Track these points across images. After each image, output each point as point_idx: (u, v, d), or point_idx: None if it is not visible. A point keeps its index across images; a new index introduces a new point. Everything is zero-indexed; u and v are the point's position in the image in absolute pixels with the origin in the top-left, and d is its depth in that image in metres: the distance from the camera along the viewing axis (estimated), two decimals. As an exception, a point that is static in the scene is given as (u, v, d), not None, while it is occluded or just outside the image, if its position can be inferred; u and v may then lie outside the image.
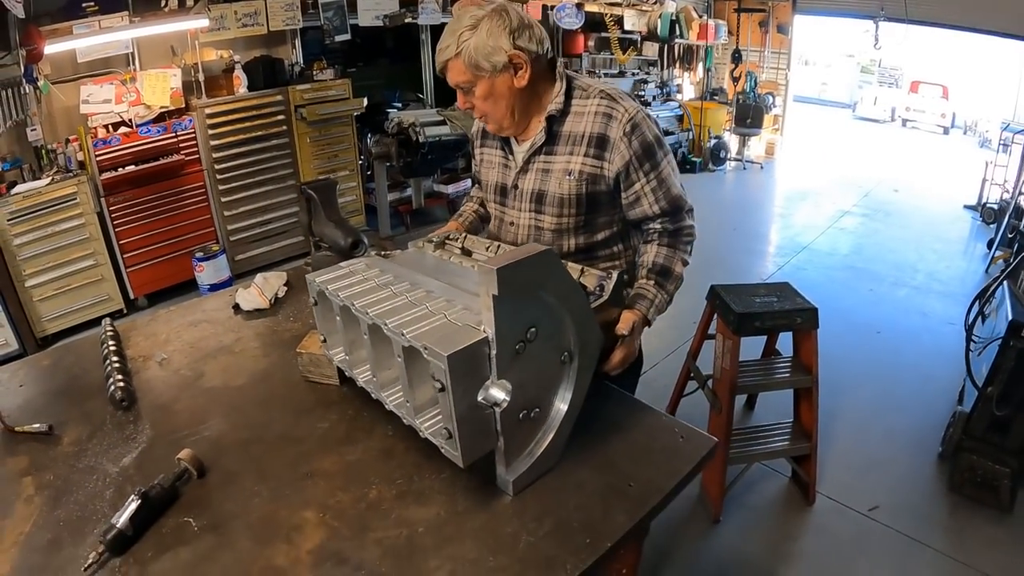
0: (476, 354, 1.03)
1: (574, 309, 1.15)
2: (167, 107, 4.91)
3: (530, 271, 1.03)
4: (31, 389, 1.91)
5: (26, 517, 1.35)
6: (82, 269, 4.76)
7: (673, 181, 1.69)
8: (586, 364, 1.22)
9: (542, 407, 1.19)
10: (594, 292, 1.36)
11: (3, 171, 4.43)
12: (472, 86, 1.58)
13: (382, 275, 1.37)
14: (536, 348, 1.12)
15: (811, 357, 2.65)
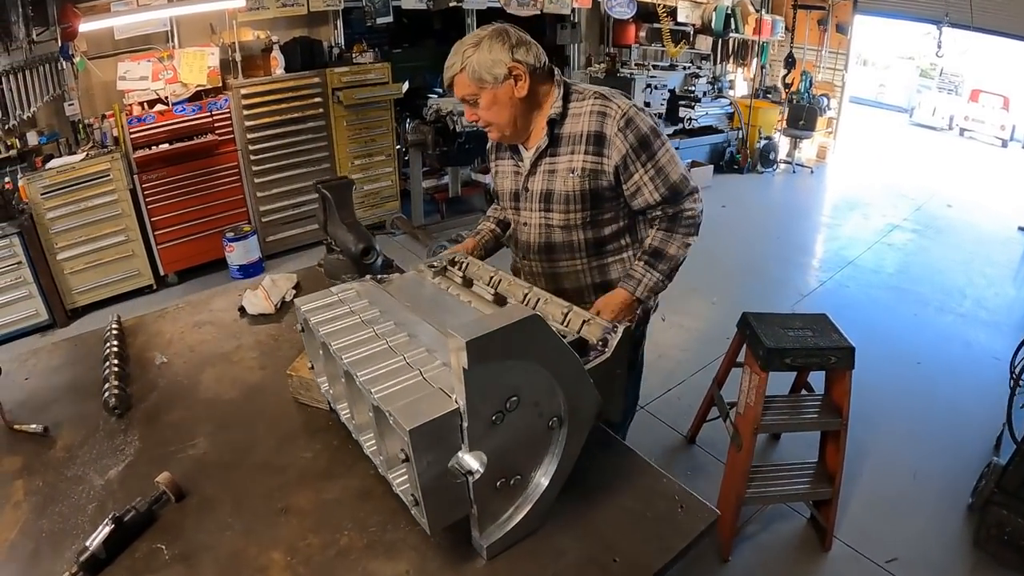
0: (445, 426, 0.99)
1: (565, 375, 1.10)
2: (204, 86, 4.97)
3: (508, 340, 0.98)
4: (35, 383, 1.97)
5: (12, 523, 1.41)
6: (113, 244, 4.88)
7: (672, 169, 1.78)
8: (578, 428, 1.18)
9: (523, 474, 1.15)
10: (596, 347, 1.29)
11: (40, 144, 4.56)
12: (477, 98, 1.74)
13: (369, 309, 1.35)
14: (518, 416, 1.07)
15: (843, 399, 2.51)
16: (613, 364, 1.26)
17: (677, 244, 1.85)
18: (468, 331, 0.91)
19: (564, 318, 1.38)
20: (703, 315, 4.55)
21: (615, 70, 6.89)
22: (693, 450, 3.21)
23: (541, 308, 1.42)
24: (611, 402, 1.31)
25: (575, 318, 1.38)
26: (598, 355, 1.26)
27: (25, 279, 4.42)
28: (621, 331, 1.28)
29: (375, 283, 1.55)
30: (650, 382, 3.65)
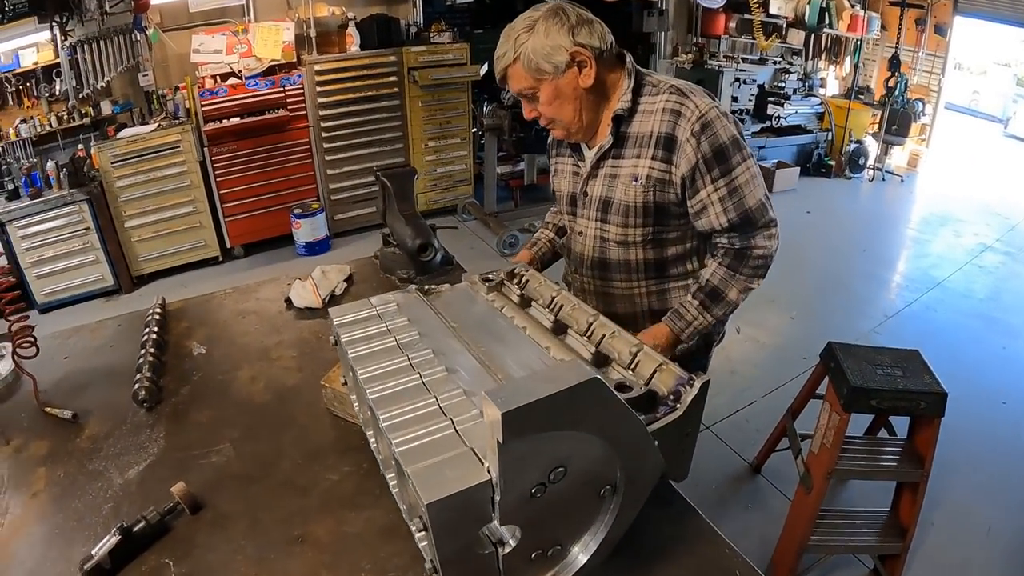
0: (472, 499, 0.84)
1: (625, 442, 0.94)
2: (277, 61, 5.00)
3: (558, 409, 0.81)
4: (74, 364, 1.96)
5: (30, 515, 1.38)
6: (181, 215, 4.99)
7: (749, 191, 1.53)
8: (635, 496, 1.02)
9: (564, 544, 1.01)
10: (667, 400, 1.11)
11: (114, 114, 4.67)
12: (535, 92, 1.54)
13: (407, 329, 1.23)
14: (563, 486, 0.91)
15: (927, 448, 2.30)
16: (685, 423, 1.09)
17: (739, 288, 1.61)
18: (506, 399, 0.75)
19: (632, 360, 1.18)
20: (781, 330, 4.29)
21: (702, 61, 6.60)
22: (757, 481, 3.01)
23: (607, 345, 1.23)
24: (678, 463, 1.16)
25: (646, 361, 1.17)
26: (668, 411, 1.09)
27: (93, 245, 4.56)
28: (698, 386, 1.09)
29: (420, 295, 1.43)
30: (718, 400, 3.49)
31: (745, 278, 1.60)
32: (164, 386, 1.77)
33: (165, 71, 4.95)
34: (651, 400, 1.10)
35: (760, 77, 6.57)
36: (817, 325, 4.30)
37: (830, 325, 4.23)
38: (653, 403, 1.10)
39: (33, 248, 4.33)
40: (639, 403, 1.05)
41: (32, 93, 4.57)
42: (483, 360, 1.16)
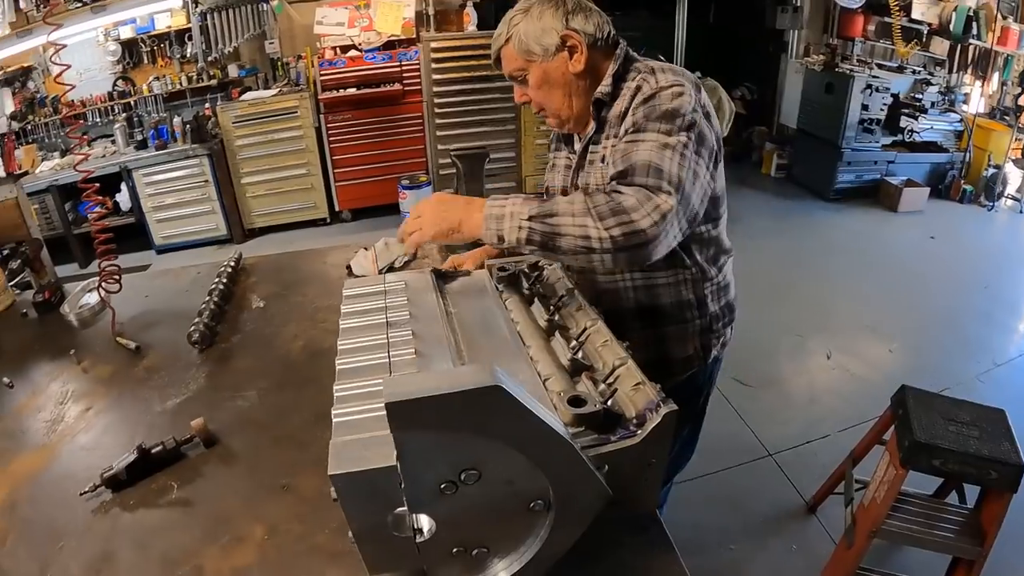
0: (378, 480, 0.86)
1: (549, 460, 0.90)
2: (397, 36, 5.23)
3: (451, 411, 0.78)
4: (151, 302, 2.21)
5: (79, 425, 1.62)
6: (294, 176, 5.37)
7: (648, 149, 1.30)
8: (573, 519, 0.99)
9: (491, 548, 1.00)
10: (629, 423, 1.04)
11: (241, 77, 5.08)
12: (525, 74, 1.53)
13: (401, 310, 1.30)
14: (480, 490, 0.90)
15: (992, 524, 2.09)
16: (645, 452, 1.04)
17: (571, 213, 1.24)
18: (396, 391, 0.75)
19: (611, 373, 1.14)
20: (876, 362, 4.00)
21: (834, 64, 6.23)
22: (809, 522, 2.84)
23: (594, 352, 1.22)
24: (641, 493, 1.12)
25: (625, 377, 1.12)
26: (624, 436, 1.02)
27: (210, 196, 5.00)
28: (661, 415, 1.01)
29: (433, 277, 1.51)
30: (789, 428, 3.36)
31: (585, 211, 1.23)
32: (219, 332, 1.97)
33: (291, 40, 5.31)
34: (609, 420, 1.04)
35: (896, 86, 6.09)
36: (917, 362, 4.00)
37: (930, 364, 3.93)
38: (612, 424, 1.04)
39: (155, 195, 4.83)
40: (592, 421, 1.02)
41: (165, 54, 5.08)
42: (459, 350, 1.20)
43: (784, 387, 3.77)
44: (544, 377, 1.13)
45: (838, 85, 6.03)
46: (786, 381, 3.82)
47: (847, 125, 6.03)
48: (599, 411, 1.02)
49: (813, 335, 4.21)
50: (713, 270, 1.67)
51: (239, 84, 5.14)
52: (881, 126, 6.12)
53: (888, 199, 6.24)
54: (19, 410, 1.73)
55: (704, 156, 1.37)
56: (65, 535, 1.30)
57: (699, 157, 1.35)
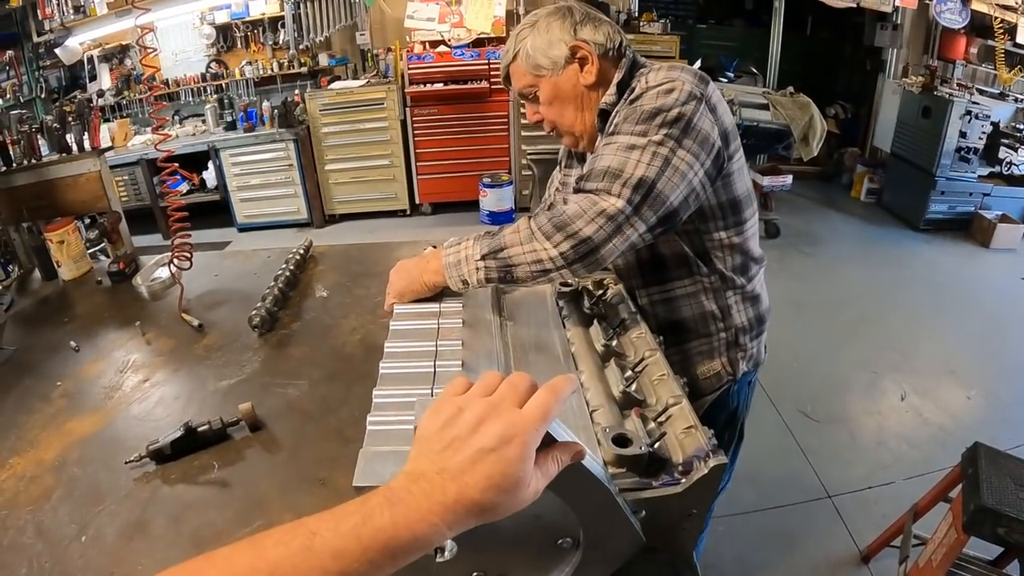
0: None
1: (582, 501, 0.86)
2: (487, 34, 5.25)
3: None
4: (221, 282, 2.27)
5: (134, 396, 1.67)
6: (377, 167, 5.48)
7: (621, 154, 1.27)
8: (601, 561, 0.95)
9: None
10: (675, 469, 0.98)
11: (331, 66, 5.22)
12: (535, 90, 1.50)
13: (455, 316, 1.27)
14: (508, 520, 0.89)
15: None
16: (687, 501, 0.98)
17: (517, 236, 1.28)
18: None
19: (663, 412, 1.08)
20: (952, 409, 3.77)
21: (933, 86, 5.89)
22: (860, 573, 2.71)
23: (648, 386, 1.15)
24: (677, 540, 1.05)
25: (678, 418, 1.05)
26: (668, 483, 0.97)
27: (294, 180, 5.16)
28: (711, 466, 0.95)
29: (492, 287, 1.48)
30: (852, 470, 3.22)
31: (530, 235, 1.26)
32: (280, 318, 1.99)
33: (382, 32, 5.42)
34: (654, 464, 1.00)
35: (996, 114, 5.72)
36: (995, 413, 3.75)
37: (1010, 416, 3.68)
38: (656, 469, 0.99)
39: (241, 175, 5.01)
40: (636, 464, 0.97)
41: (258, 40, 5.27)
42: (508, 367, 1.17)
43: (851, 426, 3.62)
44: (592, 408, 1.08)
45: (936, 109, 5.73)
46: (854, 420, 3.66)
47: (943, 152, 5.74)
48: (644, 454, 0.96)
49: (888, 373, 4.03)
50: (741, 279, 1.58)
51: (328, 73, 5.28)
52: (979, 156, 5.78)
53: (981, 234, 5.93)
54: (82, 373, 1.80)
55: (694, 150, 1.30)
56: (106, 499, 1.33)
57: (684, 151, 1.28)
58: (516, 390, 0.69)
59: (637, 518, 0.93)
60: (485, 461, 0.64)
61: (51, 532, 1.28)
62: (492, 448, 0.64)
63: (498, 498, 0.66)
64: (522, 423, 0.66)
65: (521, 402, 0.68)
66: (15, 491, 1.38)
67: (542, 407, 0.67)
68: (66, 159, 2.42)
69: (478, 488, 0.64)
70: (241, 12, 5.19)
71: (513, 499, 0.67)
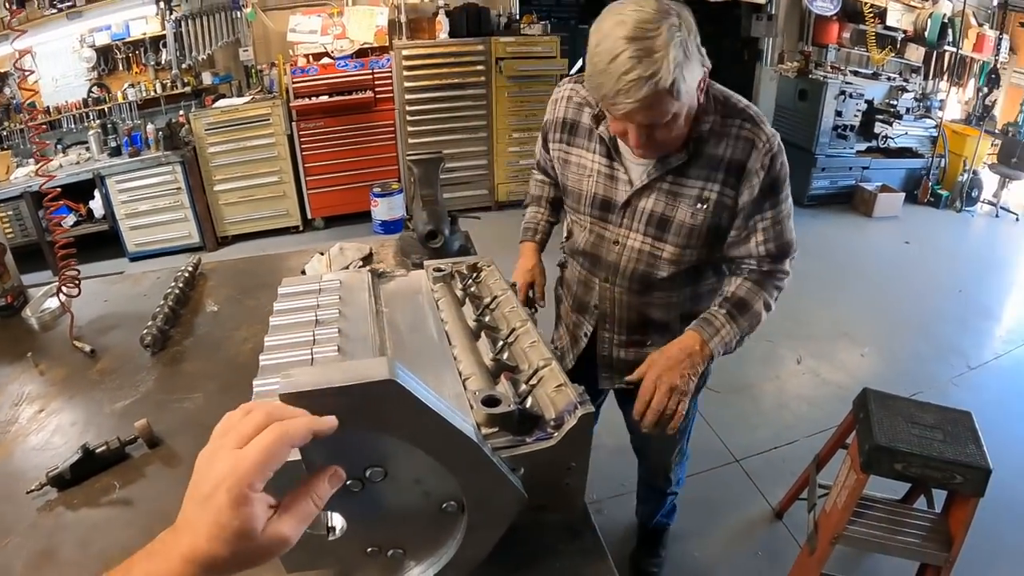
0: (285, 474, 0.78)
1: (456, 461, 0.90)
2: (370, 44, 5.29)
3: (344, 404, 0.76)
4: (110, 306, 2.25)
5: (31, 426, 1.66)
6: (267, 184, 5.41)
7: (788, 223, 1.60)
8: (489, 522, 0.99)
9: (408, 550, 1.01)
10: (548, 425, 1.04)
11: (215, 84, 5.14)
12: (665, 119, 1.35)
13: (332, 308, 1.35)
14: (390, 489, 0.91)
15: (959, 529, 2.06)
16: (563, 455, 1.04)
17: (763, 302, 1.63)
18: (292, 382, 0.73)
19: (534, 374, 1.14)
20: (847, 367, 4.05)
21: (807, 70, 6.35)
22: (775, 528, 2.85)
23: (520, 353, 1.23)
24: (563, 499, 1.12)
25: (549, 378, 1.12)
26: (541, 438, 1.01)
27: (183, 204, 5.04)
28: (579, 416, 1.01)
29: (370, 276, 1.56)
30: (759, 434, 3.37)
31: (769, 296, 1.65)
32: (172, 335, 2.01)
33: (266, 47, 5.37)
34: (526, 421, 1.04)
35: (871, 93, 6.21)
36: (889, 366, 4.06)
37: (903, 369, 4.00)
38: (529, 426, 1.04)
39: (128, 201, 4.86)
40: (506, 421, 1.02)
41: (140, 61, 5.13)
42: (383, 348, 1.24)
43: (753, 392, 3.78)
44: (464, 377, 1.14)
45: (812, 91, 6.13)
46: (755, 387, 3.83)
47: (821, 131, 6.13)
48: (513, 411, 1.01)
49: (784, 340, 4.21)
50: None
51: (213, 91, 5.19)
52: (855, 132, 6.24)
53: (863, 205, 6.37)
54: (-24, 413, 1.77)
55: None
56: (11, 532, 1.34)
57: None
58: (238, 430, 0.64)
59: (517, 476, 0.98)
60: (206, 508, 0.61)
61: (-48, 572, 1.28)
62: (208, 495, 0.61)
63: (225, 549, 0.60)
64: (233, 467, 0.61)
65: (243, 442, 0.63)
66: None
67: (260, 449, 0.62)
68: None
69: (205, 537, 0.60)
70: (121, 33, 5.01)
71: (246, 548, 0.61)
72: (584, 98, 1.71)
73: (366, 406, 0.77)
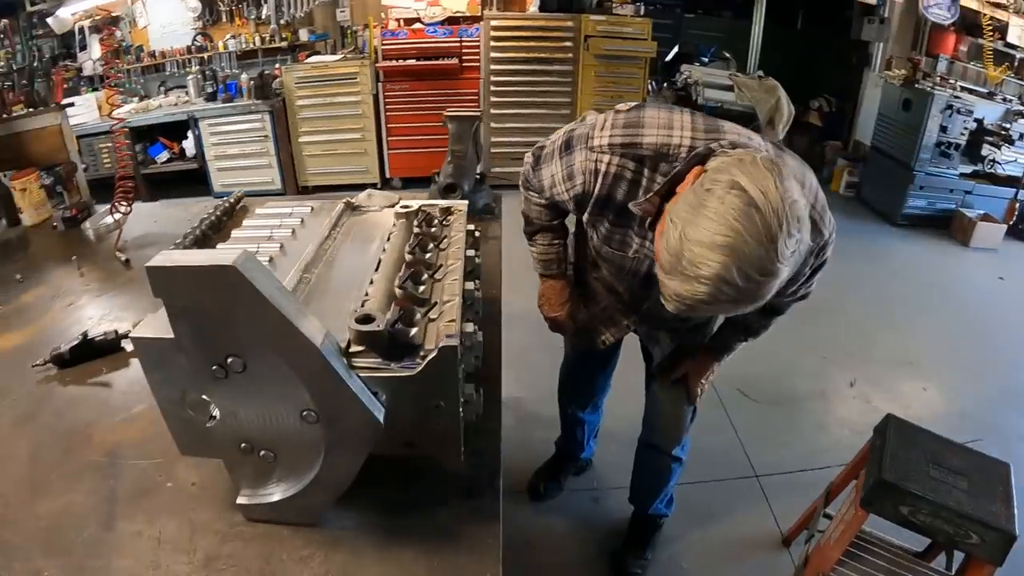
0: (164, 351, 0.96)
1: (303, 368, 0.94)
2: (461, 12, 5.38)
3: (194, 284, 0.86)
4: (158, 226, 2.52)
5: (60, 316, 1.88)
6: (349, 140, 5.64)
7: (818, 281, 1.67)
8: (346, 442, 1.02)
9: (279, 454, 1.07)
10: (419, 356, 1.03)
11: (311, 41, 5.40)
12: None
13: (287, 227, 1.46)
14: (250, 382, 0.97)
15: None
16: (426, 388, 1.04)
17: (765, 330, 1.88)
18: (161, 259, 0.86)
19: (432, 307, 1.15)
20: (904, 399, 3.57)
21: (914, 79, 5.86)
22: (779, 555, 2.56)
23: (437, 288, 1.24)
24: (441, 446, 1.13)
25: (448, 313, 1.13)
26: (407, 366, 1.01)
27: (268, 151, 5.34)
28: (440, 347, 1.01)
29: (343, 206, 1.66)
30: (787, 452, 3.06)
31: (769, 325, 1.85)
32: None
33: (363, 9, 5.58)
34: (398, 347, 1.04)
35: (982, 112, 5.55)
36: (950, 406, 3.54)
37: (965, 412, 3.48)
38: (401, 352, 1.04)
39: (218, 144, 5.21)
40: (375, 342, 1.02)
41: (242, 14, 5.45)
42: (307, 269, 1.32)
43: (793, 408, 3.42)
44: (364, 300, 1.16)
45: (916, 102, 5.63)
46: (797, 403, 3.46)
47: (923, 146, 5.59)
48: (382, 331, 1.01)
49: (842, 360, 3.82)
50: None
51: (308, 48, 5.47)
52: (960, 152, 5.66)
53: (960, 232, 5.74)
54: (21, 300, 2.03)
55: None
56: (9, 395, 1.55)
57: None
58: None
59: (379, 400, 1.01)
60: None
61: (-43, 420, 1.50)
62: None
63: None
64: None
65: None
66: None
67: None
68: (31, 113, 2.64)
69: None
70: None
71: None
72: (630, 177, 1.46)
73: (214, 290, 0.86)
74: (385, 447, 1.09)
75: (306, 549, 1.11)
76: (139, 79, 5.75)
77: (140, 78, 5.75)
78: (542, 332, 2.18)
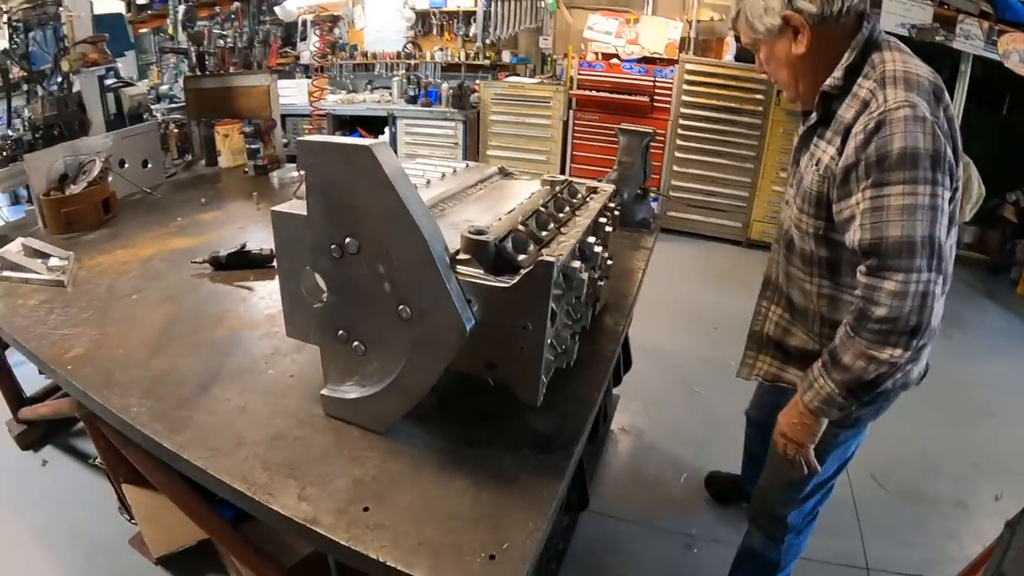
0: (297, 226, 1.07)
1: (408, 255, 0.98)
2: (658, 54, 5.38)
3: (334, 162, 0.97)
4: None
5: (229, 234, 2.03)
6: (534, 160, 5.77)
7: (898, 218, 1.21)
8: (430, 344, 1.02)
9: (368, 348, 1.10)
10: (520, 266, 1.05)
11: (512, 64, 5.63)
12: (755, 50, 1.46)
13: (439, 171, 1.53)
14: (359, 268, 1.03)
15: None
16: (517, 303, 1.04)
17: (855, 352, 1.28)
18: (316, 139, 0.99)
19: (551, 240, 1.19)
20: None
21: None
22: None
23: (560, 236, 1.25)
24: (515, 369, 1.11)
25: (565, 244, 1.17)
26: (503, 281, 1.02)
27: (456, 157, 5.58)
28: (537, 259, 1.05)
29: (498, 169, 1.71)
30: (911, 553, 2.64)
31: (865, 343, 1.27)
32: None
33: (564, 40, 5.73)
34: (501, 262, 1.04)
35: None
36: None
37: None
38: (503, 267, 1.04)
39: (411, 143, 5.57)
40: (481, 253, 1.03)
41: (452, 30, 5.82)
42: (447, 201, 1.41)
43: (926, 508, 2.97)
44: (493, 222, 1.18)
45: None
46: (931, 503, 3.00)
47: None
48: (489, 243, 1.02)
49: (991, 469, 3.26)
50: None
51: (508, 69, 5.71)
52: None
53: None
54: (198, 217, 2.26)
55: (948, 186, 1.26)
56: (164, 279, 1.76)
57: (946, 190, 1.24)
58: None
59: (471, 311, 1.00)
60: None
61: (116, 290, 1.67)
62: None
63: None
64: None
65: None
66: (108, 267, 1.84)
67: None
68: (244, 72, 2.96)
69: None
70: (440, 2, 5.80)
71: None
72: None
73: (350, 167, 0.96)
74: (467, 362, 1.13)
75: (367, 452, 1.11)
76: (349, 75, 6.35)
77: (351, 74, 6.34)
78: (677, 371, 2.07)
